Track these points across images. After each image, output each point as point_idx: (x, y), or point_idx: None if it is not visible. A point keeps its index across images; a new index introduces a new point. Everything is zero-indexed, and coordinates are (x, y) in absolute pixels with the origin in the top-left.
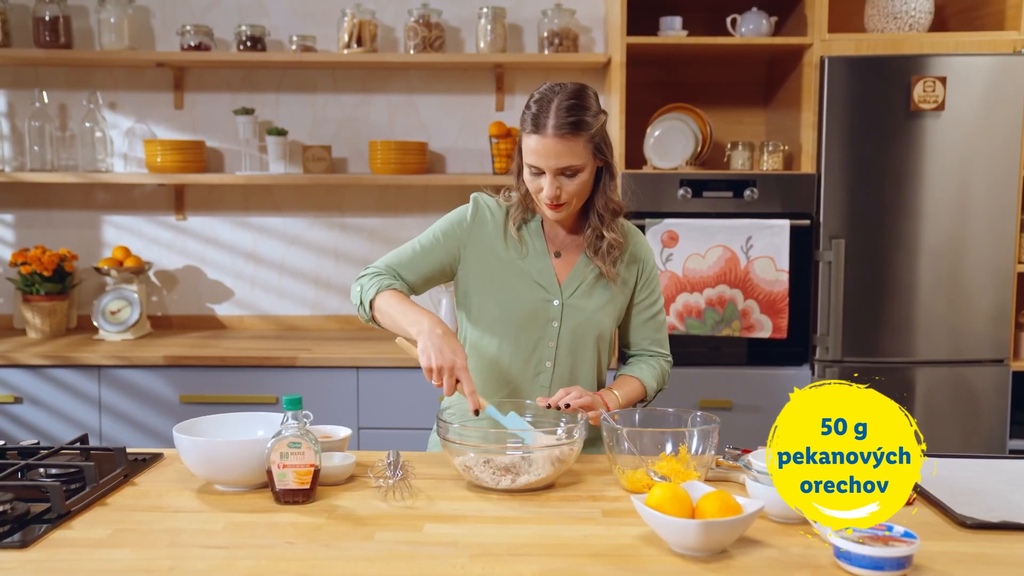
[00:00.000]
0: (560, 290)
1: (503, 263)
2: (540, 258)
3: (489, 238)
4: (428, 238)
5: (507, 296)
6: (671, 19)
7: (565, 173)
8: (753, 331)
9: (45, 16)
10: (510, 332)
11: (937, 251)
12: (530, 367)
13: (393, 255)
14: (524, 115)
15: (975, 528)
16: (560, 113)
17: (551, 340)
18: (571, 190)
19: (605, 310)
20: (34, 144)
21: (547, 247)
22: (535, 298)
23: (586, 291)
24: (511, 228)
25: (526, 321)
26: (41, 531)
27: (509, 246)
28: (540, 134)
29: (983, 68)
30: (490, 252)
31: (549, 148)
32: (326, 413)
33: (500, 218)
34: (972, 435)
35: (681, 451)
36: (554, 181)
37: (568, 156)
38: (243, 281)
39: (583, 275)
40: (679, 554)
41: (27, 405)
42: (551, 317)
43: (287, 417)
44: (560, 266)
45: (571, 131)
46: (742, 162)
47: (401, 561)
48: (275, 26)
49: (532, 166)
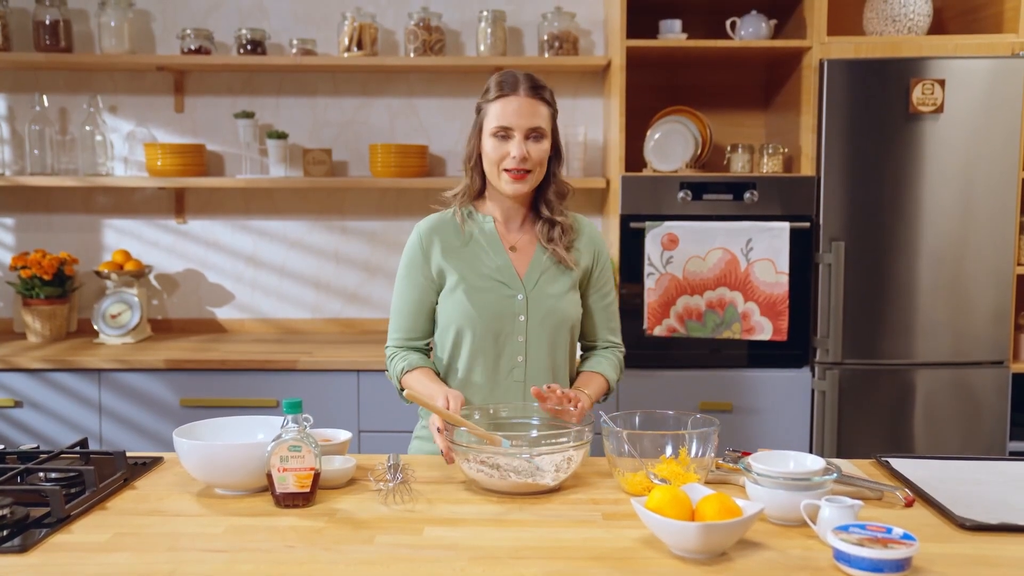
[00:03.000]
0: (522, 284)
1: (461, 269)
2: (497, 256)
3: (442, 250)
4: (403, 291)
5: (471, 300)
6: (671, 22)
7: (533, 135)
8: (753, 333)
9: (45, 20)
10: (478, 332)
11: (937, 253)
12: (503, 364)
13: (392, 327)
14: (487, 90)
15: (974, 530)
16: (529, 80)
17: (520, 335)
18: (536, 156)
19: (568, 297)
20: (34, 148)
21: (502, 244)
22: (499, 296)
23: (548, 281)
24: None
25: (493, 320)
26: (41, 535)
27: (464, 250)
28: (513, 95)
29: (982, 71)
30: (447, 261)
31: (522, 107)
32: (326, 417)
33: (448, 227)
34: (972, 437)
35: (681, 454)
36: (523, 143)
37: (537, 116)
38: (243, 285)
39: (542, 266)
40: (679, 556)
41: (27, 409)
42: (517, 312)
43: (287, 420)
44: (517, 260)
45: (541, 96)
46: (742, 165)
47: (401, 564)
48: (275, 30)
49: (501, 128)
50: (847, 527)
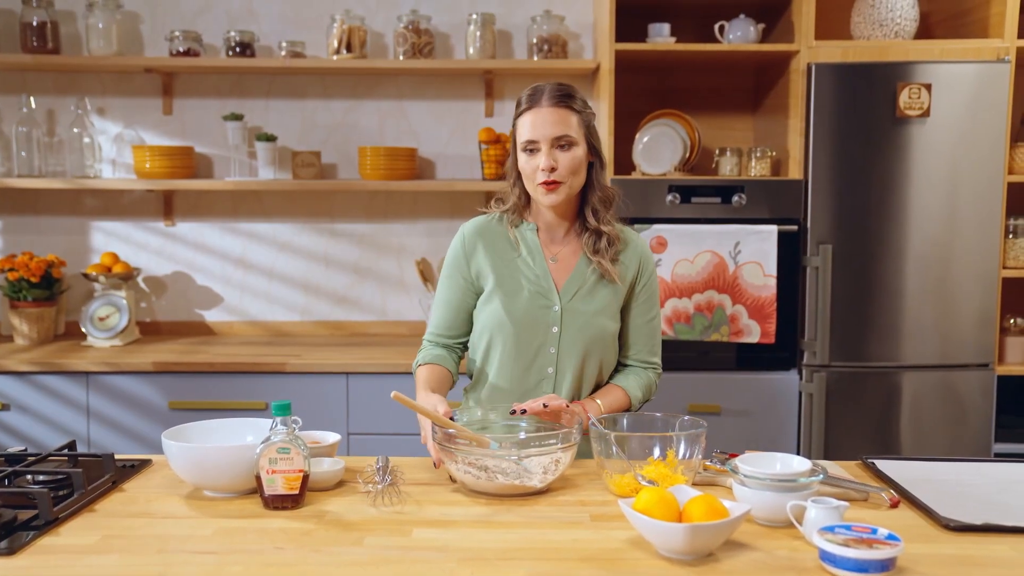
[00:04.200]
0: (559, 295)
1: (500, 274)
2: (537, 264)
3: (483, 253)
4: (443, 289)
5: (506, 306)
6: (659, 26)
7: (560, 144)
8: (741, 336)
9: (33, 21)
10: (510, 339)
11: (923, 256)
12: (532, 374)
13: (430, 321)
14: (518, 105)
15: (958, 530)
16: (554, 89)
17: (551, 346)
18: (566, 164)
19: (606, 312)
20: (21, 150)
21: (543, 253)
22: (534, 304)
23: (586, 295)
24: (506, 232)
25: (527, 329)
26: (29, 538)
27: (504, 256)
28: (537, 107)
29: (968, 75)
30: (487, 265)
31: (545, 117)
32: (315, 419)
33: (492, 231)
34: (958, 439)
35: (669, 455)
36: (550, 152)
37: (563, 125)
38: (232, 287)
39: (583, 278)
40: (666, 557)
41: (14, 412)
42: (551, 323)
43: (276, 423)
44: (557, 271)
45: (566, 103)
46: (730, 168)
47: (390, 566)
48: (264, 32)
49: (528, 142)
50: (833, 528)
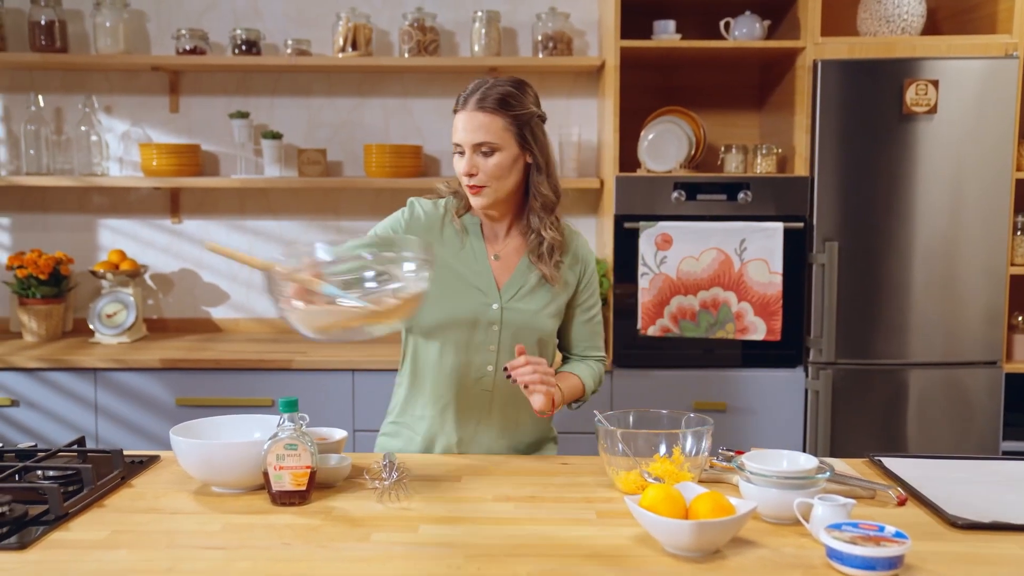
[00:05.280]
0: (499, 294)
1: (441, 266)
2: (478, 261)
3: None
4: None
5: (446, 300)
6: (665, 23)
7: (482, 150)
8: (747, 333)
9: (41, 20)
10: (450, 336)
11: (930, 253)
12: (471, 371)
13: None
14: (456, 99)
15: (966, 528)
16: (486, 91)
17: (491, 344)
18: (487, 171)
19: (546, 311)
20: (30, 148)
21: (486, 250)
22: (474, 302)
23: (527, 294)
24: (450, 224)
25: (466, 325)
26: (39, 533)
27: (446, 247)
28: (463, 109)
29: (975, 71)
30: None
31: (468, 121)
32: (322, 415)
33: (436, 220)
34: (965, 436)
35: (675, 452)
36: (471, 158)
37: (483, 132)
38: (238, 284)
39: (524, 279)
40: (672, 554)
41: (23, 408)
42: (491, 321)
43: (283, 419)
44: (499, 269)
45: (492, 107)
46: (736, 165)
47: (397, 562)
48: (270, 30)
49: (456, 145)
50: (840, 525)
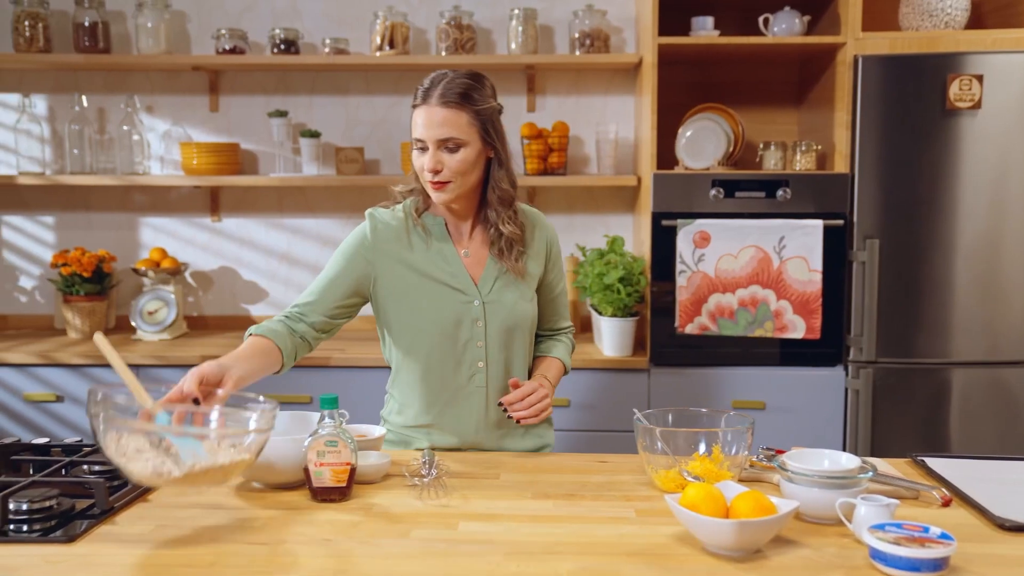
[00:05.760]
0: (478, 289)
1: (415, 274)
2: (450, 262)
3: (395, 251)
4: (333, 267)
5: (427, 306)
6: (703, 19)
7: (447, 146)
8: (786, 332)
9: (85, 22)
10: (436, 341)
11: (973, 251)
12: (463, 371)
13: (307, 292)
14: (414, 95)
15: (1013, 530)
16: (447, 85)
17: (479, 340)
18: (452, 166)
19: (525, 297)
20: (73, 147)
21: (455, 249)
22: (455, 302)
23: (503, 286)
24: (414, 229)
25: (451, 327)
26: (85, 526)
27: (416, 254)
28: (426, 104)
29: (1021, 65)
30: (399, 264)
31: (432, 117)
32: (360, 413)
33: (401, 229)
34: (1009, 436)
35: (715, 451)
36: (435, 154)
37: (449, 127)
38: (277, 282)
39: (496, 271)
40: (713, 553)
41: (68, 403)
42: (475, 318)
43: (324, 416)
44: (471, 265)
45: (456, 102)
46: (774, 162)
47: (437, 558)
48: (308, 29)
49: (417, 140)
50: (883, 526)
